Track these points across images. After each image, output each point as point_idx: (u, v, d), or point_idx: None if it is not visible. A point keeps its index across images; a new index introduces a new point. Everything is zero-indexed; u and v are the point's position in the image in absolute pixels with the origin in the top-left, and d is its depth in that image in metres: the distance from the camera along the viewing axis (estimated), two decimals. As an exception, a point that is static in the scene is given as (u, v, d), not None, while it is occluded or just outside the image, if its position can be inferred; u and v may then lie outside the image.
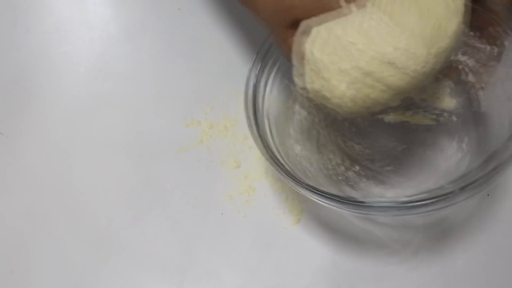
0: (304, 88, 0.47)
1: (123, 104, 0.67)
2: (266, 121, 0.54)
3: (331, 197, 0.47)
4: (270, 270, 0.57)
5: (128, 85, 0.68)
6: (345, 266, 0.57)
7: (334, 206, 0.49)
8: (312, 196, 0.49)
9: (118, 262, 0.58)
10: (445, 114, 0.58)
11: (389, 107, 0.45)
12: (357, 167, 0.58)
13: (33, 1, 0.75)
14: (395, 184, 0.57)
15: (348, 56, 0.42)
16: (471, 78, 0.54)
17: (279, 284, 0.57)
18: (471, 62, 0.53)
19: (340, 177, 0.57)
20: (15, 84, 0.69)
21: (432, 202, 0.45)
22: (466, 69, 0.54)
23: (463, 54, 0.53)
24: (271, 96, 0.56)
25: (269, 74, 0.55)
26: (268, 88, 0.55)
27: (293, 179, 0.49)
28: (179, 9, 0.73)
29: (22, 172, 0.63)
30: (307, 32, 0.45)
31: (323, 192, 0.47)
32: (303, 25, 0.45)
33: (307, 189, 0.48)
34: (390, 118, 0.58)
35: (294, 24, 0.46)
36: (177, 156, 0.63)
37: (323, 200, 0.48)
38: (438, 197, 0.45)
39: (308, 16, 0.45)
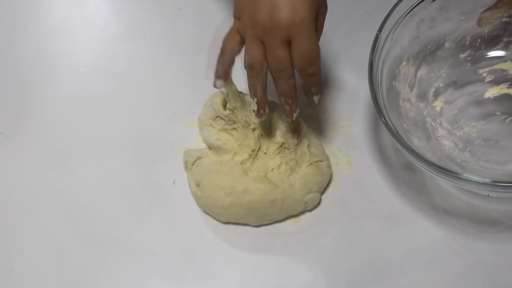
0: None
1: (123, 104, 0.67)
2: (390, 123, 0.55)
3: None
4: (270, 270, 0.57)
5: (128, 85, 0.68)
6: (345, 266, 0.57)
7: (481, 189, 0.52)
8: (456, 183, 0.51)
9: (118, 262, 0.58)
10: None
11: None
12: (470, 147, 0.59)
13: (33, 1, 0.75)
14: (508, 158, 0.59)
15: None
16: None
17: (279, 284, 0.57)
18: None
19: (457, 160, 0.59)
20: (15, 84, 0.69)
21: None
22: None
23: None
24: (383, 96, 0.57)
25: (376, 77, 0.57)
26: (379, 90, 0.57)
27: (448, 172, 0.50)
28: (179, 9, 0.73)
29: (22, 172, 0.63)
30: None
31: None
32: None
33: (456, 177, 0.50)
34: (489, 93, 0.61)
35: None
36: (177, 156, 0.63)
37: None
38: None
39: None
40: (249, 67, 0.52)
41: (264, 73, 0.52)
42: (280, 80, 0.52)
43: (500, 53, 0.62)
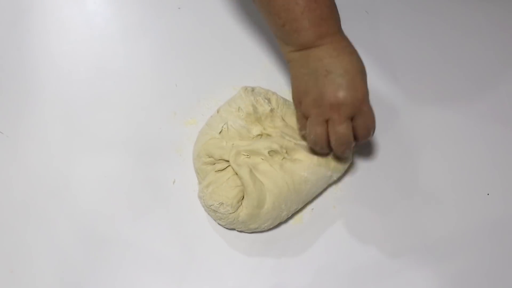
0: None
1: (123, 103, 0.67)
2: None
3: None
4: (270, 270, 0.57)
5: (128, 85, 0.68)
6: (345, 266, 0.57)
7: None
8: None
9: (118, 262, 0.58)
10: None
11: None
12: None
13: (33, 1, 0.75)
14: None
15: None
16: None
17: (279, 284, 0.57)
18: None
19: None
20: (15, 84, 0.69)
21: None
22: None
23: None
24: None
25: None
26: None
27: None
28: (179, 8, 0.73)
29: (22, 171, 0.63)
30: None
31: None
32: None
33: None
34: None
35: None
36: (177, 155, 0.63)
37: None
38: None
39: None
40: (314, 144, 0.56)
41: (328, 147, 0.56)
42: (343, 152, 0.56)
43: None
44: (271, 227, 0.58)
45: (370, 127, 0.55)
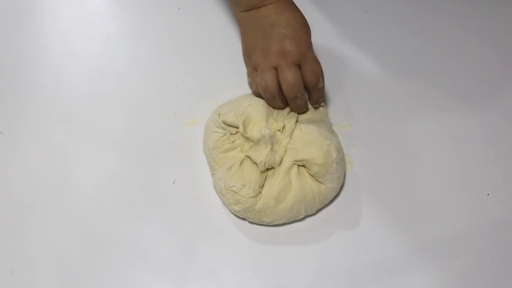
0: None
1: (123, 103, 0.67)
2: None
3: None
4: (270, 270, 0.57)
5: (128, 85, 0.68)
6: (345, 266, 0.57)
7: None
8: None
9: (118, 262, 0.58)
10: None
11: None
12: None
13: (33, 1, 0.75)
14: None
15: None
16: None
17: (279, 284, 0.57)
18: None
19: None
20: (15, 84, 0.69)
21: None
22: None
23: None
24: None
25: None
26: None
27: None
28: (179, 8, 0.73)
29: (22, 172, 0.63)
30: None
31: None
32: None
33: None
34: None
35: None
36: (177, 155, 0.63)
37: None
38: None
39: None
40: (264, 90, 0.58)
41: (278, 93, 0.58)
42: (296, 99, 0.58)
43: None
44: (283, 223, 0.59)
45: (317, 73, 0.57)
